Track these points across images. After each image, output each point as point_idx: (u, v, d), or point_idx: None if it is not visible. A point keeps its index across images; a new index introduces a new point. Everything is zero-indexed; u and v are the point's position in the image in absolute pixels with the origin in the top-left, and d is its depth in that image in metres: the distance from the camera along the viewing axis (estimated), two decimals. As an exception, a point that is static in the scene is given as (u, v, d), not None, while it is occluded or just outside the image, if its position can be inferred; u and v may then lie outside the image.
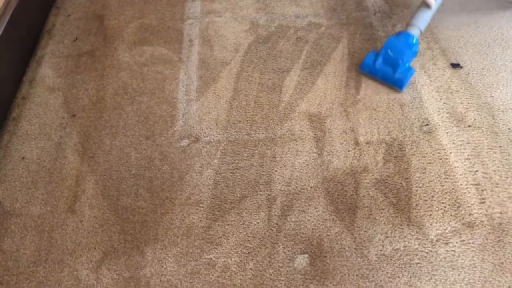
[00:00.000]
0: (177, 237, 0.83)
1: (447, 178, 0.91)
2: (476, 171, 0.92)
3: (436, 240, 0.82)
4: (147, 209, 0.86)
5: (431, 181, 0.91)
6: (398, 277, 0.78)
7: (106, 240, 0.82)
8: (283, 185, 0.90)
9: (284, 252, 0.81)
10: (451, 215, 0.86)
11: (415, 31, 1.08)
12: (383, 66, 1.07)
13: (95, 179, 0.91)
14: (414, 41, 1.07)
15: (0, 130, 1.00)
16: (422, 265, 0.79)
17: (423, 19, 1.09)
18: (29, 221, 0.85)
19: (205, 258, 0.80)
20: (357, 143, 0.97)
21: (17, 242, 0.82)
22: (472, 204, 0.87)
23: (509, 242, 0.82)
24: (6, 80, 1.05)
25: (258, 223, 0.85)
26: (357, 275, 0.78)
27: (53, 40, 1.21)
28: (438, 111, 1.03)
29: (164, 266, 0.79)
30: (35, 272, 0.78)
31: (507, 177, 0.91)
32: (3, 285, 0.77)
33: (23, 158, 0.95)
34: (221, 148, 0.97)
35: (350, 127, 1.00)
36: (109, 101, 1.06)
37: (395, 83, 1.07)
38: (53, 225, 0.84)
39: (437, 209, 0.87)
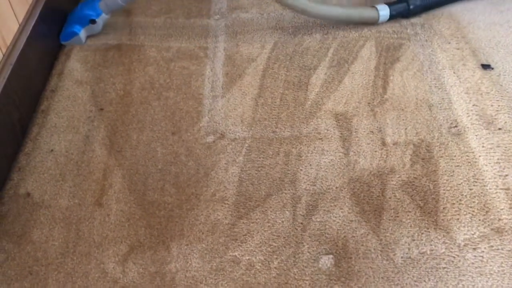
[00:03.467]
0: (202, 233, 0.83)
1: (476, 182, 0.90)
2: (506, 175, 0.90)
3: (464, 245, 0.81)
4: (173, 204, 0.87)
5: (459, 184, 0.89)
6: (424, 281, 0.77)
7: (132, 234, 0.83)
8: (308, 184, 0.90)
9: (308, 252, 0.81)
10: (479, 220, 0.84)
11: (101, 4, 1.14)
12: (69, 15, 1.19)
13: (122, 173, 0.92)
14: (92, 9, 1.14)
15: (29, 122, 1.02)
16: (449, 270, 0.78)
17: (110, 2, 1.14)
18: (58, 213, 0.86)
19: (230, 255, 0.80)
20: (384, 143, 0.96)
21: (46, 233, 0.83)
22: (502, 209, 0.86)
23: (540, 249, 0.80)
24: (36, 72, 1.07)
25: (283, 222, 0.85)
26: (382, 278, 0.77)
27: (81, 34, 1.22)
28: (467, 113, 1.02)
29: (189, 262, 0.79)
30: (63, 263, 0.80)
31: (538, 183, 0.89)
32: (33, 275, 0.78)
33: (52, 150, 0.96)
34: (246, 145, 0.97)
35: (377, 127, 0.99)
36: (136, 95, 1.06)
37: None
38: (81, 218, 0.86)
39: (465, 213, 0.85)
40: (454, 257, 0.80)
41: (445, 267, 0.78)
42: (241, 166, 0.93)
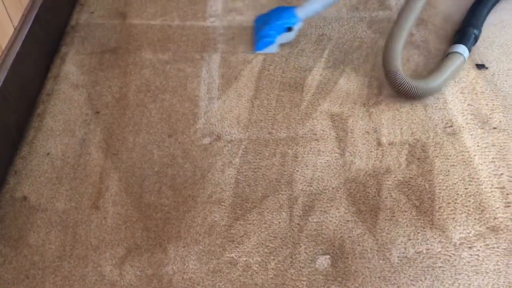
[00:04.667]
0: (199, 235, 0.83)
1: (471, 181, 0.90)
2: (501, 174, 0.91)
3: (460, 244, 0.81)
4: (169, 206, 0.87)
5: (455, 183, 0.90)
6: (421, 280, 0.77)
7: (129, 237, 0.83)
8: (304, 185, 0.90)
9: (305, 253, 0.81)
10: (475, 219, 0.85)
11: (299, 12, 1.13)
12: (259, 24, 1.19)
13: (119, 176, 0.92)
14: (289, 17, 1.13)
15: (25, 126, 1.02)
16: (445, 269, 0.78)
17: (310, 7, 1.13)
18: (54, 217, 0.86)
19: (227, 257, 0.81)
20: (379, 143, 0.96)
21: (43, 237, 0.83)
22: (497, 208, 0.86)
23: (535, 247, 0.81)
24: (31, 76, 1.07)
25: (279, 223, 0.85)
26: (379, 277, 0.78)
27: (77, 37, 1.22)
28: (462, 113, 1.02)
29: (187, 264, 0.80)
30: (60, 267, 0.80)
31: (533, 181, 0.89)
32: (30, 279, 0.78)
33: (48, 154, 0.96)
34: (243, 146, 0.97)
35: (373, 128, 0.99)
36: (132, 98, 1.07)
37: (254, 43, 1.17)
38: (78, 221, 0.86)
39: (460, 212, 0.86)
40: (450, 256, 0.80)
41: (441, 266, 0.79)
42: (237, 168, 0.93)
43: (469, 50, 1.10)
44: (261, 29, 1.17)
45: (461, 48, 1.08)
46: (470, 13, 1.17)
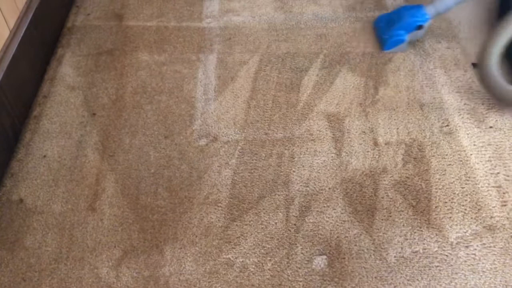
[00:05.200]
0: (196, 236, 0.83)
1: (468, 180, 0.90)
2: (498, 173, 0.91)
3: (456, 243, 0.81)
4: (166, 208, 0.87)
5: (451, 183, 0.90)
6: (417, 280, 0.77)
7: (125, 239, 0.83)
8: (301, 185, 0.90)
9: (302, 253, 0.81)
10: (471, 218, 0.85)
11: (429, 9, 1.12)
12: (383, 24, 1.18)
13: (115, 177, 0.92)
14: (419, 15, 1.11)
15: (22, 128, 1.01)
16: (441, 268, 0.78)
17: (442, 4, 1.11)
18: (51, 219, 0.86)
19: (224, 258, 0.80)
20: (376, 143, 0.96)
21: (39, 239, 0.83)
22: (493, 207, 0.86)
23: (531, 246, 0.81)
24: (28, 78, 1.07)
25: (276, 223, 0.85)
26: (375, 277, 0.78)
27: (73, 39, 1.22)
28: (459, 112, 1.02)
29: (183, 265, 0.80)
30: (56, 269, 0.80)
31: (530, 180, 0.89)
32: (26, 282, 0.78)
33: (45, 156, 0.96)
34: (239, 147, 0.97)
35: (369, 127, 0.99)
36: (128, 100, 1.07)
37: (380, 42, 1.17)
38: (74, 223, 0.85)
39: (457, 211, 0.86)
40: (446, 255, 0.80)
41: (438, 266, 0.79)
42: (234, 169, 0.93)
43: None
44: (388, 28, 1.16)
45: None
46: None
